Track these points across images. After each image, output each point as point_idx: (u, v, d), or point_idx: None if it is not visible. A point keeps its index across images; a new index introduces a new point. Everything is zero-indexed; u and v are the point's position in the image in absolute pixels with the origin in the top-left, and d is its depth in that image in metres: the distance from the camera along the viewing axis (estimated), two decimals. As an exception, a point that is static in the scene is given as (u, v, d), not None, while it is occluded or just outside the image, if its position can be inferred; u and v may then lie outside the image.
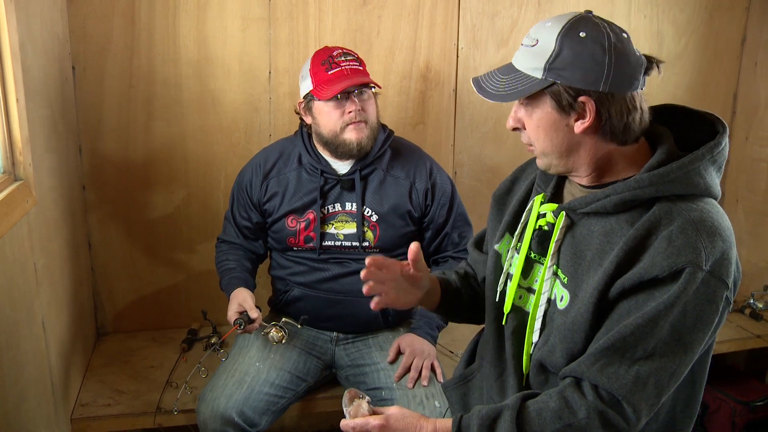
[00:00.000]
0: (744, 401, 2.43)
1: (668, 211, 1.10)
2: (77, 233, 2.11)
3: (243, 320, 1.73)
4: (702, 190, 1.13)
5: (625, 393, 1.08)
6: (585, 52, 1.09)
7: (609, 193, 1.14)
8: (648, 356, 1.08)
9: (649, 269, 1.07)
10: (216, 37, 2.21)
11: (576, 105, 1.11)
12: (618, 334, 1.08)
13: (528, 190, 1.37)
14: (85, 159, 2.20)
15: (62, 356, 1.83)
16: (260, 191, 1.91)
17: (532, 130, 1.18)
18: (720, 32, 2.65)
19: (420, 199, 1.90)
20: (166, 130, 2.25)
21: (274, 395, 1.79)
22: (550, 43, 1.11)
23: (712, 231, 1.08)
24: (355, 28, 2.32)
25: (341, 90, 1.74)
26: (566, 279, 1.20)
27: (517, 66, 1.16)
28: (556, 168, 1.21)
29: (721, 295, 1.08)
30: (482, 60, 2.46)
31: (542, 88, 1.12)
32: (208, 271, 2.35)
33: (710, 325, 1.09)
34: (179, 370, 2.09)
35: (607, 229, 1.15)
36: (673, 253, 1.06)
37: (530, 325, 1.26)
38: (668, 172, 1.11)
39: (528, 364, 1.28)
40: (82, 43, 2.11)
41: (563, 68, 1.10)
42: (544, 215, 1.26)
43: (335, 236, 1.88)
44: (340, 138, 1.80)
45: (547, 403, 1.13)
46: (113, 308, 2.36)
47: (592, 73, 1.09)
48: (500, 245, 1.38)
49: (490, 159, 2.56)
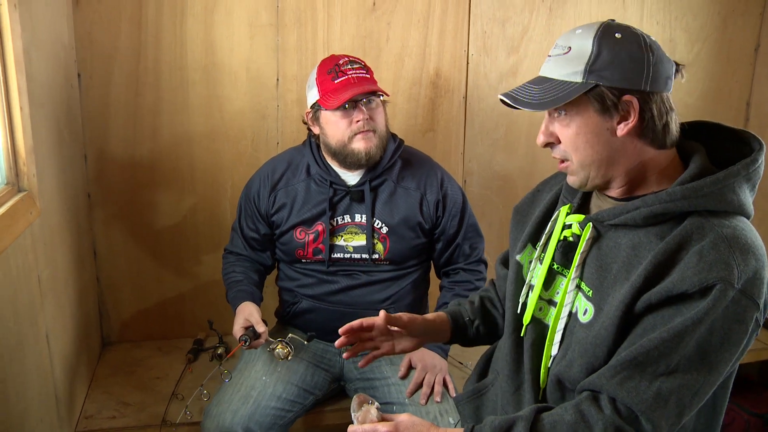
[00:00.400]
0: (758, 413, 2.39)
1: (700, 226, 1.07)
2: (82, 242, 2.08)
3: (248, 336, 1.69)
4: (735, 208, 1.09)
5: (644, 408, 1.04)
6: (624, 52, 1.08)
7: (639, 206, 1.11)
8: (671, 372, 1.04)
9: (678, 284, 1.03)
10: (223, 44, 2.19)
11: (620, 105, 1.09)
12: (641, 348, 1.05)
13: (553, 201, 1.34)
14: (90, 167, 2.18)
15: (67, 368, 1.80)
16: (268, 202, 1.88)
17: (570, 140, 1.14)
18: (733, 39, 2.62)
19: (431, 210, 1.87)
20: (173, 138, 2.22)
21: (280, 409, 1.76)
22: (587, 47, 1.10)
23: (745, 248, 1.04)
24: (363, 35, 2.29)
25: (348, 99, 1.71)
26: (591, 292, 1.17)
27: (550, 75, 1.14)
28: (592, 181, 1.17)
29: (751, 316, 1.04)
30: (493, 67, 2.43)
31: (585, 91, 1.09)
32: (214, 281, 2.33)
33: (738, 345, 1.06)
34: (185, 381, 2.06)
35: (635, 242, 1.12)
36: (704, 268, 1.02)
37: (550, 338, 1.23)
38: (702, 187, 1.08)
39: (545, 379, 1.24)
40: (88, 49, 2.09)
41: (604, 69, 1.09)
42: (570, 226, 1.23)
43: (344, 248, 1.85)
44: (348, 148, 1.77)
45: (563, 416, 1.10)
46: (119, 318, 2.33)
47: (633, 71, 1.08)
48: (522, 256, 1.35)
49: (500, 167, 2.53)
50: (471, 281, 1.93)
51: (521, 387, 1.30)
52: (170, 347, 2.30)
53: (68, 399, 1.80)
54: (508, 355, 1.33)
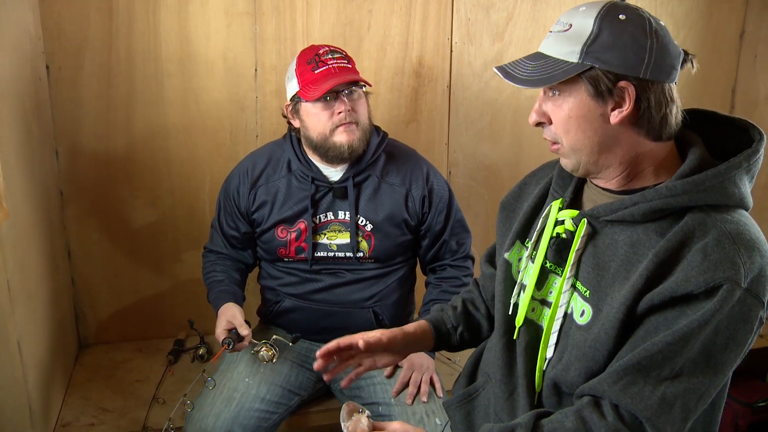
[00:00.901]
0: (747, 403, 2.40)
1: (702, 222, 1.02)
2: (55, 242, 2.00)
3: (232, 339, 1.64)
4: (736, 201, 1.05)
5: (649, 415, 1.00)
6: (626, 35, 1.01)
7: (638, 201, 1.06)
8: (675, 376, 1.00)
9: (683, 284, 0.99)
10: (199, 33, 2.11)
11: (614, 91, 1.03)
12: (645, 352, 1.00)
13: (541, 195, 1.28)
14: (62, 163, 2.10)
15: (41, 375, 1.74)
16: (248, 200, 1.82)
17: (562, 122, 1.09)
18: (719, 26, 2.58)
19: (417, 206, 1.82)
20: (148, 131, 2.14)
21: (265, 411, 1.71)
22: (587, 26, 1.03)
23: (750, 245, 1.00)
24: (344, 23, 2.23)
25: (329, 89, 1.65)
26: (587, 292, 1.12)
27: (548, 52, 1.08)
28: (584, 167, 1.11)
29: (756, 315, 1.00)
30: (477, 55, 2.38)
31: (579, 72, 1.03)
32: (194, 279, 2.26)
33: (743, 345, 1.02)
34: (166, 384, 2.01)
35: (633, 239, 1.07)
36: (710, 267, 0.98)
37: (544, 340, 1.18)
38: (703, 180, 1.03)
39: (540, 383, 1.20)
40: (57, 40, 2.00)
41: (602, 51, 1.02)
42: (562, 222, 1.17)
43: (328, 247, 1.80)
44: (330, 141, 1.71)
45: (563, 423, 1.06)
46: (95, 319, 2.26)
47: (633, 57, 1.01)
48: (510, 254, 1.29)
49: (485, 157, 2.49)
50: (458, 277, 1.89)
51: (515, 392, 1.25)
52: (150, 348, 2.23)
53: (43, 407, 1.73)
54: (499, 358, 1.27)
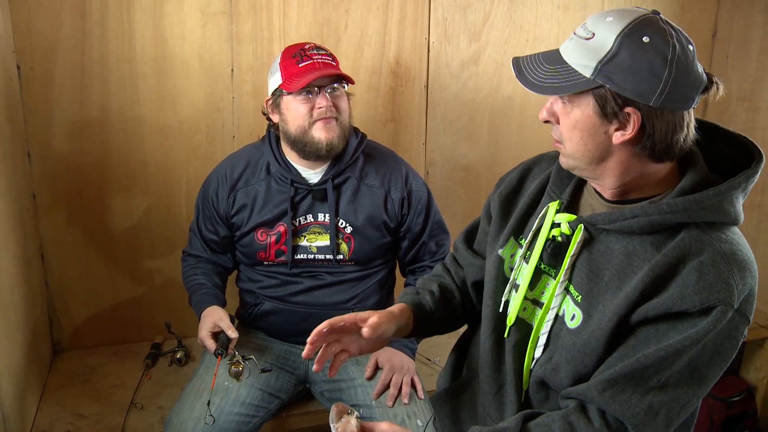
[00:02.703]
0: (721, 398, 2.44)
1: (698, 239, 1.04)
2: (28, 246, 1.97)
3: (222, 347, 1.62)
4: (731, 219, 1.07)
5: (636, 422, 1.03)
6: (644, 60, 0.98)
7: (637, 214, 1.06)
8: (662, 387, 1.03)
9: (678, 302, 1.01)
10: (174, 33, 2.08)
11: (620, 115, 1.02)
12: (638, 363, 1.03)
13: (537, 192, 1.27)
14: (35, 165, 2.05)
15: (15, 381, 1.70)
16: (227, 204, 1.80)
17: (567, 129, 1.08)
18: (691, 26, 2.62)
19: (396, 208, 1.82)
20: (123, 133, 2.11)
21: (245, 414, 1.70)
22: (608, 42, 1.00)
23: (742, 266, 1.03)
24: (321, 22, 2.21)
25: (312, 80, 1.64)
26: (580, 297, 1.13)
27: (566, 57, 1.06)
28: (581, 171, 1.13)
29: (742, 331, 1.04)
30: (454, 54, 2.38)
31: (588, 88, 1.02)
32: (171, 282, 2.24)
33: (728, 359, 1.06)
34: (143, 389, 1.98)
35: (629, 249, 1.08)
36: (705, 287, 1.00)
37: (533, 340, 1.19)
38: (703, 199, 1.03)
39: (528, 380, 1.21)
40: (27, 39, 1.96)
41: (616, 72, 0.99)
42: (558, 225, 1.17)
43: (308, 249, 1.79)
44: (308, 135, 1.69)
45: (550, 427, 1.07)
46: (70, 323, 2.22)
47: (647, 84, 0.99)
48: (504, 250, 1.28)
49: (463, 158, 2.49)
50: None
51: (503, 388, 1.26)
52: (126, 353, 2.20)
53: (17, 415, 1.70)
54: (488, 354, 1.27)
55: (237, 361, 1.63)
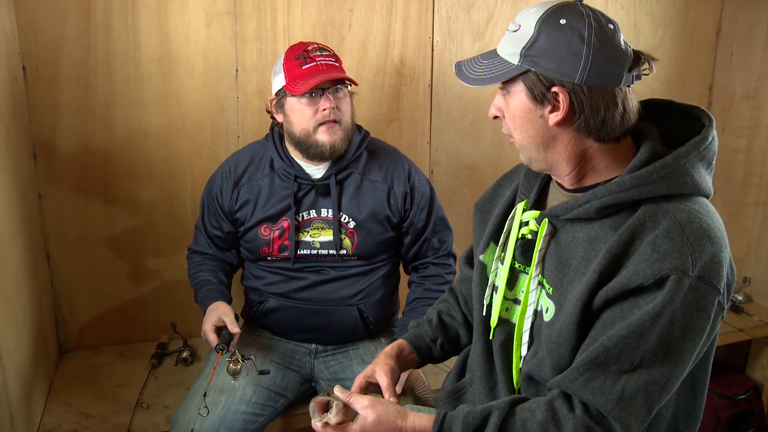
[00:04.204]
0: (727, 396, 2.43)
1: (653, 213, 1.04)
2: (34, 246, 1.97)
3: (224, 343, 1.62)
4: (690, 189, 1.06)
5: (610, 409, 1.02)
6: (562, 41, 1.04)
7: (590, 198, 1.08)
8: (635, 369, 1.02)
9: (633, 277, 1.00)
10: (178, 33, 2.08)
11: (549, 95, 1.06)
12: (602, 347, 1.02)
13: (512, 197, 1.31)
14: (40, 165, 2.06)
15: (22, 381, 1.70)
16: (231, 199, 1.81)
17: (510, 119, 1.13)
18: (696, 24, 2.62)
19: (399, 203, 1.82)
20: (128, 133, 2.11)
21: (251, 413, 1.69)
22: (530, 29, 1.06)
23: (700, 233, 1.01)
24: (325, 22, 2.22)
25: (316, 84, 1.65)
26: (551, 290, 1.14)
27: (499, 51, 1.11)
28: (537, 164, 1.15)
29: (712, 301, 1.01)
30: (458, 53, 2.38)
31: (516, 74, 1.07)
32: (176, 281, 2.24)
33: (701, 333, 1.03)
34: (149, 388, 1.98)
35: (591, 235, 1.09)
36: (658, 259, 0.99)
37: (517, 338, 1.20)
38: (651, 173, 1.04)
39: (518, 379, 1.22)
40: (33, 40, 1.97)
41: (538, 55, 1.05)
42: (527, 223, 1.20)
43: (311, 244, 1.79)
44: (312, 138, 1.71)
45: (534, 413, 1.07)
46: (76, 323, 2.23)
47: (568, 63, 1.04)
48: (485, 255, 1.32)
49: (467, 156, 2.49)
50: (441, 275, 1.89)
51: (495, 387, 1.27)
52: (132, 352, 2.20)
53: (25, 414, 1.70)
54: (479, 356, 1.30)
55: (236, 360, 1.63)
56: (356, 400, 1.16)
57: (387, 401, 1.17)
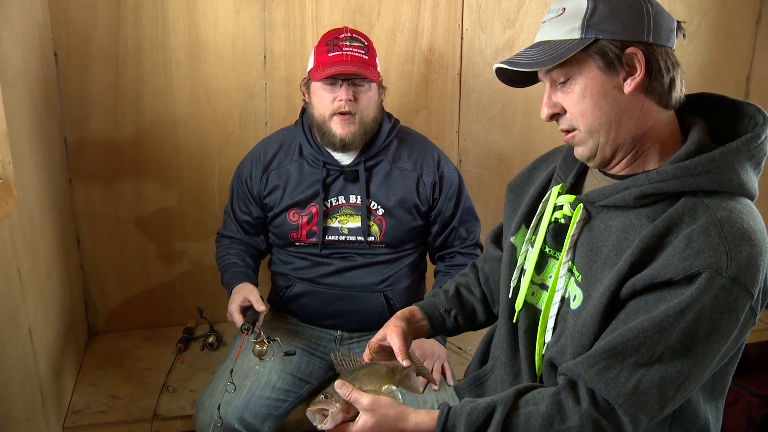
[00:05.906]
0: (760, 395, 2.37)
1: (693, 207, 1.00)
2: (65, 230, 2.00)
3: (249, 323, 1.62)
4: (735, 188, 1.02)
5: (622, 402, 0.98)
6: (622, 3, 1.03)
7: (629, 185, 1.05)
8: (653, 363, 0.98)
9: (663, 270, 0.97)
10: (207, 20, 2.09)
11: (624, 59, 1.02)
12: (621, 337, 0.98)
13: (547, 180, 1.27)
14: (71, 151, 2.09)
15: (52, 362, 1.73)
16: (260, 184, 1.81)
17: (576, 105, 1.07)
18: (734, 12, 2.54)
19: (427, 192, 1.80)
20: (157, 119, 2.13)
21: (275, 399, 1.70)
22: (582, 3, 1.04)
23: (739, 234, 0.97)
24: (354, 9, 2.20)
25: (330, 74, 1.65)
26: (580, 277, 1.11)
27: (548, 37, 1.07)
28: (601, 150, 1.09)
29: (743, 305, 0.97)
30: (488, 42, 2.35)
31: (585, 46, 1.02)
32: (204, 267, 2.26)
33: (727, 336, 0.99)
34: (176, 372, 2.00)
35: (626, 224, 1.05)
36: (691, 255, 0.95)
37: (542, 324, 1.17)
38: (695, 165, 1.00)
39: (541, 365, 1.19)
40: (64, 28, 1.99)
41: (603, 22, 1.02)
42: (561, 207, 1.16)
43: (339, 230, 1.79)
44: (327, 125, 1.71)
45: (539, 406, 1.04)
46: (105, 307, 2.26)
47: (633, 22, 1.02)
48: (516, 238, 1.28)
49: (496, 146, 2.46)
50: (467, 265, 1.87)
51: (519, 375, 1.24)
52: (159, 336, 2.23)
53: (55, 395, 1.73)
54: (504, 342, 1.27)
55: (262, 341, 1.63)
56: (356, 399, 1.11)
57: (387, 403, 1.11)
